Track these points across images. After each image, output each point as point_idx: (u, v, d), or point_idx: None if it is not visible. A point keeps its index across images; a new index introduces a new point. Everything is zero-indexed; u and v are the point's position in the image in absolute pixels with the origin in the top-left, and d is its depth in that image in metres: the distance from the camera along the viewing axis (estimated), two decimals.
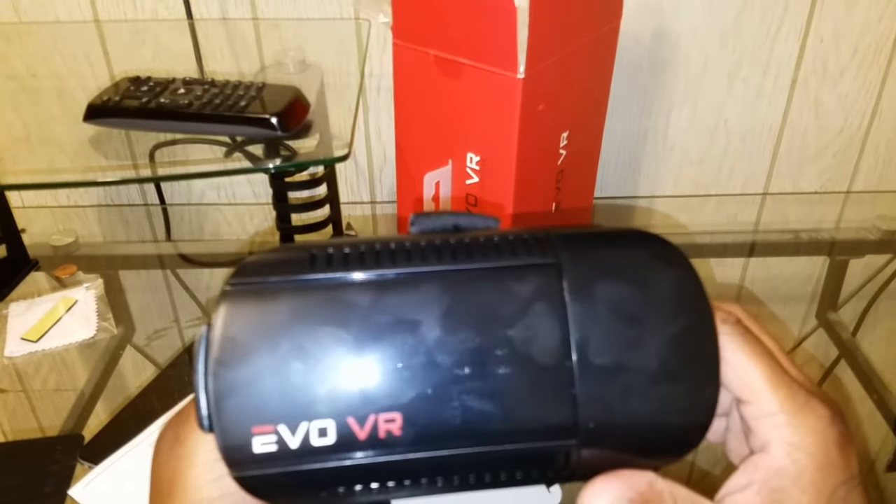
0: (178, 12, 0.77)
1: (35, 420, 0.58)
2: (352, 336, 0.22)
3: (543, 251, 0.23)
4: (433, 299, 0.22)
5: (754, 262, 0.76)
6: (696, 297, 0.23)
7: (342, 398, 0.22)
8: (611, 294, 0.22)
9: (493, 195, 0.62)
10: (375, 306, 0.22)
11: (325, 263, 0.22)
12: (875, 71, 0.81)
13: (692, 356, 0.23)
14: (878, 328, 0.67)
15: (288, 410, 0.21)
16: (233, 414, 0.21)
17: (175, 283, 0.74)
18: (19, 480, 0.51)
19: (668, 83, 0.82)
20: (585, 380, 0.22)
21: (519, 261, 0.23)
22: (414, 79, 0.61)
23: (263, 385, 0.21)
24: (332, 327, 0.22)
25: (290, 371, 0.21)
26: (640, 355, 0.22)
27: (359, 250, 0.23)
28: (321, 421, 0.21)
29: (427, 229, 0.24)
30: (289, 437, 0.21)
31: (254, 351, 0.21)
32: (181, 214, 0.87)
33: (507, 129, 0.57)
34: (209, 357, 0.22)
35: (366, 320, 0.22)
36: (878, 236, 0.80)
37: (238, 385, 0.21)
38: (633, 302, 0.22)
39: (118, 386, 0.61)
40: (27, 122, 0.64)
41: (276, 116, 0.59)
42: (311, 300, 0.22)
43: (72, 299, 0.69)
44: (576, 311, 0.22)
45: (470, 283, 0.22)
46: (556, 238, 0.23)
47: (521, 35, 0.52)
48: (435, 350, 0.22)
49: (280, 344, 0.21)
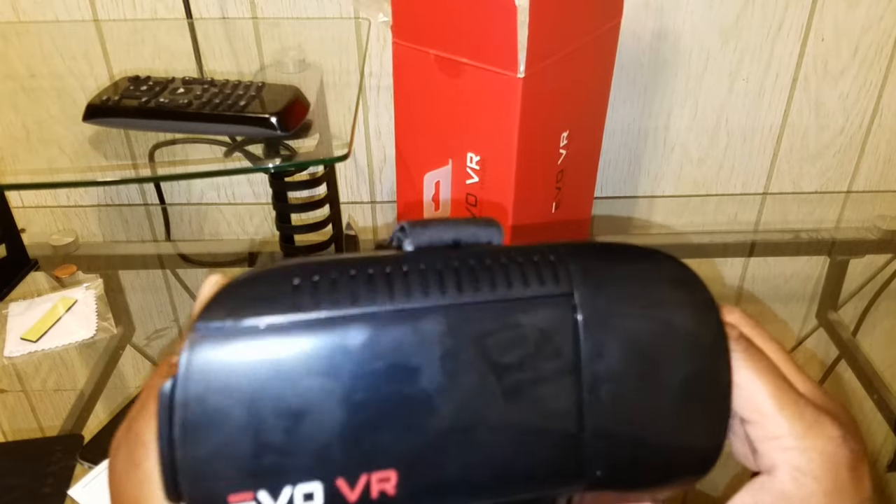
0: (177, 12, 0.77)
1: (35, 420, 0.58)
2: (340, 386, 0.19)
3: (556, 278, 0.21)
4: (434, 340, 0.19)
5: (754, 262, 0.76)
6: (711, 327, 0.22)
7: (330, 458, 0.19)
8: (626, 332, 0.21)
9: (494, 195, 0.61)
10: (368, 351, 0.19)
11: (310, 298, 0.19)
12: (876, 70, 0.81)
13: (704, 395, 0.22)
14: (879, 328, 0.67)
15: (269, 475, 0.19)
16: (205, 483, 0.19)
17: (175, 282, 0.74)
18: (19, 480, 0.51)
19: (669, 82, 0.82)
20: (595, 429, 0.20)
21: (530, 291, 0.20)
22: (414, 78, 0.61)
23: (240, 448, 0.18)
24: (317, 377, 0.19)
25: (270, 430, 0.19)
26: (652, 398, 0.21)
27: (348, 277, 0.20)
28: (307, 484, 0.19)
29: (423, 244, 0.21)
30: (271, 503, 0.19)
31: (227, 410, 0.18)
32: (181, 214, 0.86)
33: (507, 129, 0.57)
34: (174, 420, 0.18)
35: (357, 368, 0.19)
36: (879, 236, 0.80)
37: (210, 450, 0.18)
38: (648, 339, 0.21)
39: (118, 386, 0.61)
40: (26, 122, 0.64)
41: (275, 116, 0.58)
42: (293, 346, 0.19)
43: (71, 299, 0.69)
44: (589, 351, 0.20)
45: (475, 320, 0.20)
46: (570, 260, 0.21)
47: (521, 34, 0.52)
48: (435, 398, 0.19)
49: (257, 400, 0.18)
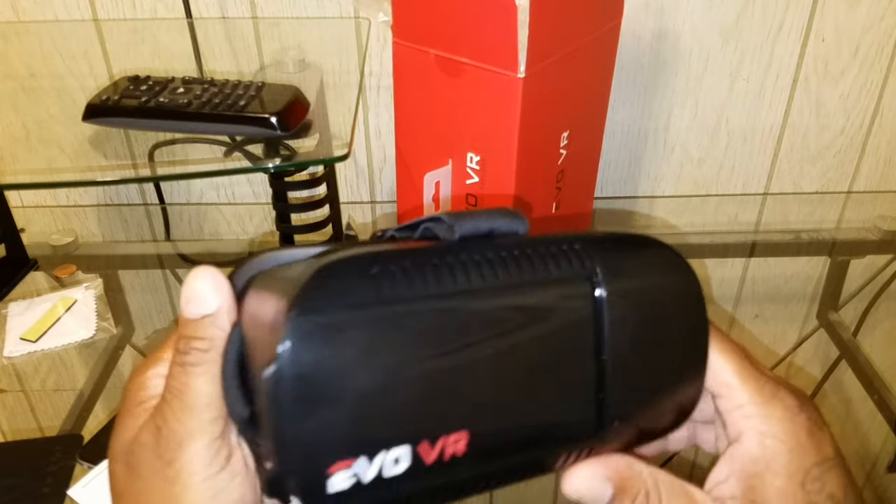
0: (177, 11, 0.77)
1: (34, 420, 0.58)
2: (426, 357, 0.23)
3: (582, 262, 0.26)
4: (492, 314, 0.24)
5: (755, 263, 0.76)
6: (699, 307, 0.28)
7: (418, 422, 0.23)
8: (637, 306, 0.26)
9: (494, 195, 0.61)
10: (444, 326, 0.23)
11: (390, 284, 0.23)
12: (877, 70, 0.81)
13: (691, 358, 0.28)
14: (879, 328, 0.67)
15: (367, 442, 0.22)
16: (310, 458, 0.21)
17: (174, 282, 0.74)
18: (18, 480, 0.51)
19: (669, 83, 0.82)
20: (614, 389, 0.26)
21: (560, 272, 0.25)
22: (414, 78, 0.61)
23: (343, 419, 0.22)
24: (405, 351, 0.22)
25: (368, 401, 0.22)
26: (656, 362, 0.27)
27: (417, 265, 0.24)
28: (397, 449, 0.22)
29: (467, 234, 0.26)
30: (365, 469, 0.22)
31: (330, 386, 0.21)
32: (180, 214, 0.86)
33: (507, 129, 0.57)
34: (281, 402, 0.21)
35: (438, 341, 0.23)
36: (879, 236, 0.80)
37: (315, 426, 0.21)
38: (653, 310, 0.27)
39: (117, 386, 0.61)
40: (26, 122, 0.64)
41: (275, 116, 0.58)
42: (382, 326, 0.22)
43: (71, 299, 0.69)
44: (610, 322, 0.25)
45: (521, 296, 0.24)
46: (591, 247, 0.26)
47: (521, 34, 0.52)
48: (497, 363, 0.23)
49: (356, 374, 0.22)
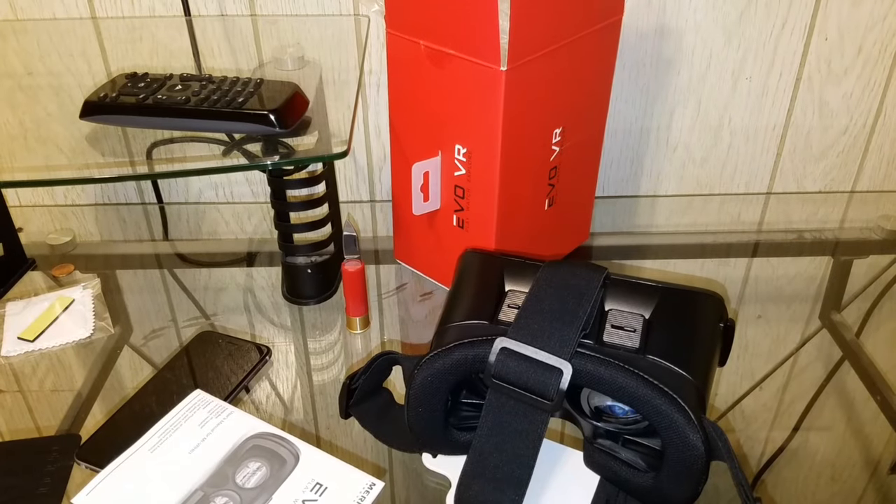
0: (175, 9, 0.76)
1: (32, 420, 0.58)
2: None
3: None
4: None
5: (758, 262, 0.76)
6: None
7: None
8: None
9: (480, 187, 0.61)
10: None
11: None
12: (880, 69, 0.81)
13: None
14: (882, 329, 0.67)
15: None
16: None
17: (172, 282, 0.73)
18: (15, 480, 0.51)
19: (672, 81, 0.81)
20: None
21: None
22: (406, 69, 0.61)
23: None
24: None
25: None
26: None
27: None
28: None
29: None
30: None
31: None
32: (179, 213, 0.86)
33: (491, 122, 0.57)
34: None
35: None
36: (883, 236, 0.80)
37: None
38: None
39: (115, 386, 0.61)
40: (23, 120, 0.64)
41: (274, 113, 0.58)
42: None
43: (69, 299, 0.69)
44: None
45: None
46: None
47: (502, 27, 0.52)
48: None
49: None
